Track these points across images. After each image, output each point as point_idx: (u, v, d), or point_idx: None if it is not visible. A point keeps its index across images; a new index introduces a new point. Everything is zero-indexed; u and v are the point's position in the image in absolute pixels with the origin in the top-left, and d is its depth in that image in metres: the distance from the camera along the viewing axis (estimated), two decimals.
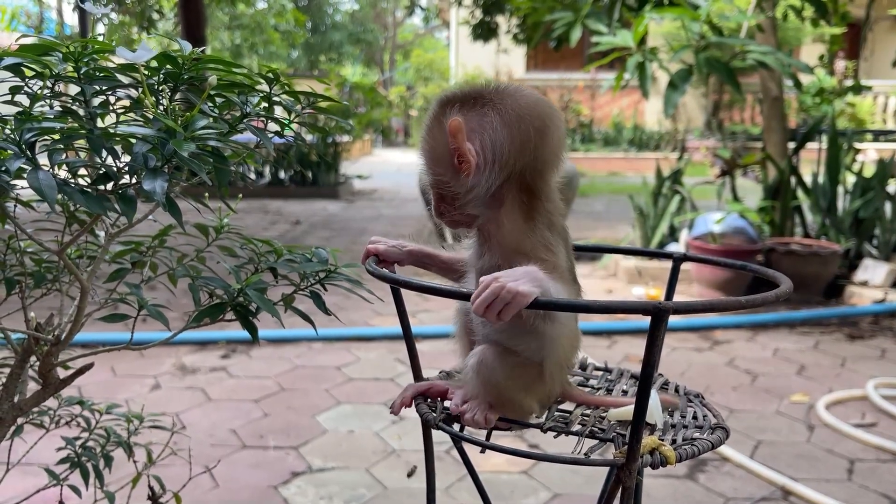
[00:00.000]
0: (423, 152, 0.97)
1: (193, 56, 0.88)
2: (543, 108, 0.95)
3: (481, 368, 0.96)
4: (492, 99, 0.93)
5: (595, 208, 8.16)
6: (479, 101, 0.93)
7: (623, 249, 1.25)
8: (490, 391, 0.96)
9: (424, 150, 0.97)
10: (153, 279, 1.15)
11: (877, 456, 2.35)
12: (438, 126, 0.94)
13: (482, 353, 0.96)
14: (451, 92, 0.96)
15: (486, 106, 0.92)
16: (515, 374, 0.96)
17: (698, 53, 3.75)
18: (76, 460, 1.28)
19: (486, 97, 0.93)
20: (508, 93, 0.94)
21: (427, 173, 0.98)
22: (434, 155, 0.95)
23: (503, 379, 0.95)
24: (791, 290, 0.88)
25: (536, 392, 0.99)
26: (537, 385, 0.98)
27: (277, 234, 6.39)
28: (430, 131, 0.95)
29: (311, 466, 2.25)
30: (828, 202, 4.72)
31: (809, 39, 12.82)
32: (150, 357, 3.17)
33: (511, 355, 0.96)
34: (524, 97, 0.94)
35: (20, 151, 0.76)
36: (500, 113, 0.92)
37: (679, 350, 3.39)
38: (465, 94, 0.94)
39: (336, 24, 26.18)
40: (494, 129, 0.92)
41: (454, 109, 0.93)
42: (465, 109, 0.93)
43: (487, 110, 0.92)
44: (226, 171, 0.84)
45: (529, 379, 0.97)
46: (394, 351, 3.33)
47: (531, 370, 0.97)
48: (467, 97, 0.94)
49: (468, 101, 0.93)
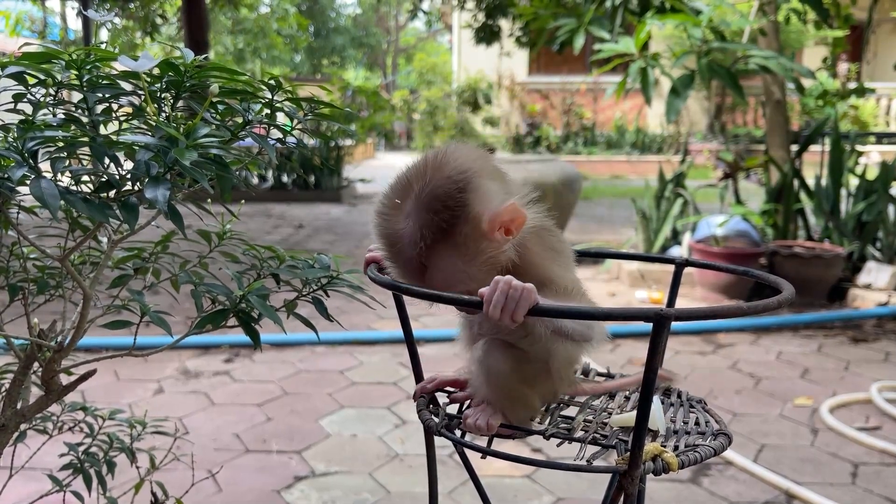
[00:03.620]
0: (444, 277, 0.88)
1: (196, 64, 0.88)
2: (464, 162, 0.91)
3: (486, 359, 0.96)
4: (472, 170, 0.89)
5: (598, 212, 8.16)
6: (466, 182, 0.88)
7: (625, 255, 1.25)
8: (494, 384, 0.96)
9: (445, 273, 0.88)
10: (156, 285, 1.15)
11: (881, 459, 2.35)
12: (455, 239, 0.87)
13: (488, 345, 0.96)
14: (441, 192, 0.87)
15: (469, 181, 0.88)
16: (521, 367, 0.96)
17: (700, 58, 3.75)
18: (79, 466, 1.28)
19: (465, 173, 0.88)
20: (460, 159, 0.90)
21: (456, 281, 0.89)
22: (462, 263, 0.88)
23: (508, 372, 0.95)
24: (793, 295, 0.88)
25: (542, 388, 1.00)
26: (543, 381, 0.99)
27: (280, 238, 6.40)
28: (448, 244, 0.87)
29: (315, 471, 2.25)
30: (831, 205, 4.71)
31: (812, 42, 12.80)
32: (153, 361, 3.17)
33: (517, 349, 0.96)
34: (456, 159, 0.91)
35: (23, 160, 0.76)
36: (485, 177, 0.90)
37: (682, 354, 3.39)
38: (445, 196, 0.87)
39: (339, 28, 26.22)
40: (496, 191, 0.90)
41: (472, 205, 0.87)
42: (470, 208, 0.87)
43: (482, 182, 0.89)
44: (228, 178, 0.84)
45: (535, 373, 0.97)
46: (397, 355, 3.33)
47: (538, 365, 0.97)
48: (449, 201, 0.87)
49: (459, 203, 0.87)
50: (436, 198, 0.86)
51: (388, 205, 0.90)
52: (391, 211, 0.90)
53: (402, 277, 0.92)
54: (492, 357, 0.95)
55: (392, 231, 0.89)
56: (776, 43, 4.74)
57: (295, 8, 20.33)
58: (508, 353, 0.96)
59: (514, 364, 0.96)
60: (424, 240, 0.86)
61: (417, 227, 0.86)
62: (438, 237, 0.86)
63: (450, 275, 0.88)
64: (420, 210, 0.86)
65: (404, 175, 0.91)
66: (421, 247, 0.86)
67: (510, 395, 0.97)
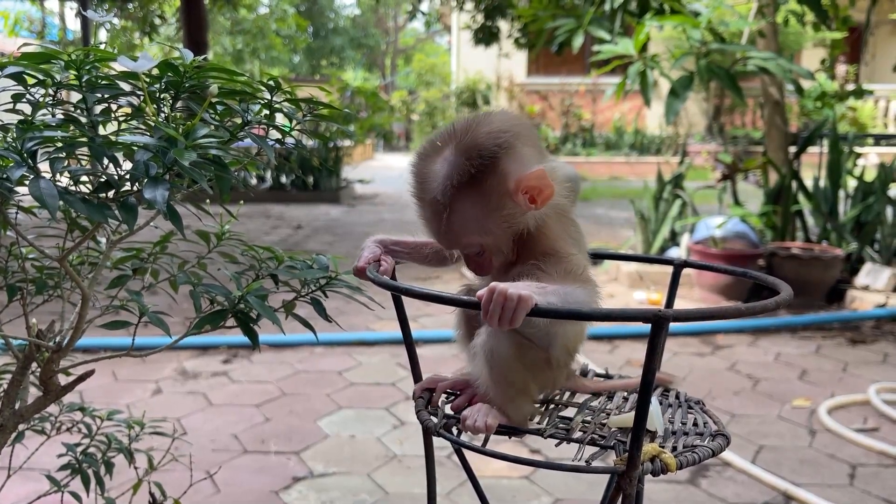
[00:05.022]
0: (465, 224, 0.94)
1: (195, 64, 0.88)
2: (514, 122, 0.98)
3: (488, 343, 0.97)
4: (513, 132, 0.94)
5: (597, 212, 8.16)
6: (504, 141, 0.93)
7: (623, 256, 1.25)
8: (495, 369, 0.97)
9: (466, 221, 0.93)
10: (154, 285, 1.15)
11: (879, 461, 2.35)
12: (483, 188, 0.92)
13: (491, 332, 0.97)
14: (476, 146, 0.93)
15: (507, 141, 0.93)
16: (522, 352, 0.97)
17: (699, 60, 3.75)
18: (77, 466, 1.28)
19: (506, 133, 0.94)
20: (504, 121, 0.96)
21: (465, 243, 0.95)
22: (484, 217, 0.93)
23: (510, 357, 0.96)
24: (791, 297, 0.88)
25: (541, 376, 1.01)
26: (543, 368, 1.00)
27: (279, 238, 6.40)
28: (475, 194, 0.92)
29: (313, 471, 2.25)
30: (829, 206, 4.72)
31: (810, 44, 12.82)
32: (151, 362, 3.17)
33: (519, 336, 0.97)
34: (501, 121, 0.97)
35: (22, 160, 0.76)
36: (522, 142, 0.95)
37: (680, 355, 3.39)
38: (479, 151, 0.93)
39: (338, 29, 26.22)
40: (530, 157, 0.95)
41: (506, 161, 0.92)
42: (504, 164, 0.92)
43: (518, 145, 0.94)
44: (227, 179, 0.84)
45: (535, 360, 0.99)
46: (395, 355, 3.33)
47: (538, 353, 0.99)
48: (483, 154, 0.92)
49: (494, 156, 0.93)
50: (473, 146, 0.92)
51: (429, 147, 0.97)
52: (431, 152, 0.96)
53: (424, 218, 0.97)
54: (493, 341, 0.96)
55: (427, 170, 0.95)
56: (775, 44, 4.75)
57: (294, 9, 20.33)
58: (511, 339, 0.96)
59: (516, 350, 0.97)
60: (452, 181, 0.92)
61: (450, 168, 0.92)
62: (466, 182, 0.91)
63: (467, 222, 0.94)
64: (457, 155, 0.92)
65: (451, 125, 0.98)
66: (448, 187, 0.92)
67: (510, 381, 0.98)
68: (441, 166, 0.93)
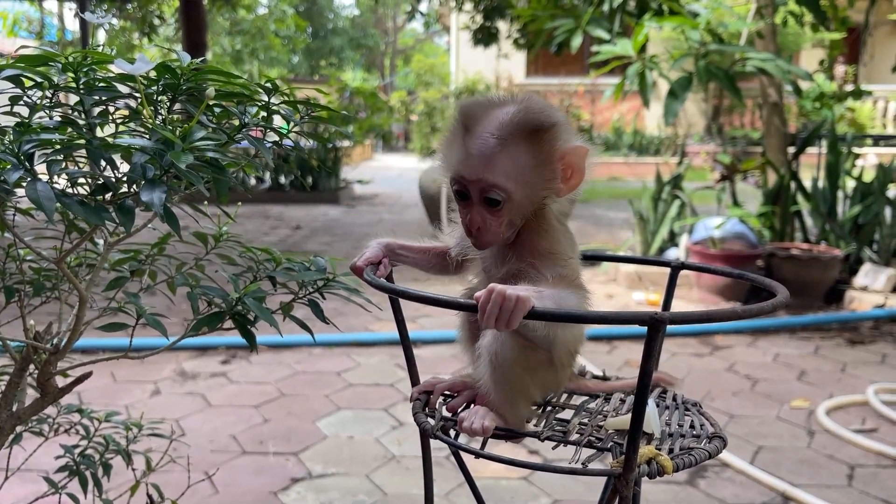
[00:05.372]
0: (506, 162, 0.95)
1: (192, 66, 0.88)
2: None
3: (493, 345, 0.97)
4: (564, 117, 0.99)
5: (596, 213, 8.16)
6: (562, 115, 0.99)
7: (621, 258, 1.26)
8: (498, 371, 0.97)
9: (509, 160, 0.95)
10: (152, 287, 1.15)
11: (877, 461, 2.35)
12: (537, 140, 0.96)
13: (496, 334, 0.98)
14: (537, 108, 0.98)
15: (564, 120, 0.98)
16: (526, 354, 0.98)
17: (698, 61, 3.75)
18: (75, 468, 1.28)
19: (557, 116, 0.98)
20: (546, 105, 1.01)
21: (496, 182, 0.96)
22: (526, 166, 0.96)
23: (514, 358, 0.97)
24: (787, 299, 0.88)
25: (543, 378, 1.02)
26: (545, 370, 1.02)
27: (278, 239, 6.40)
28: (529, 142, 0.96)
29: (311, 472, 2.25)
30: (828, 207, 4.72)
31: (809, 45, 12.82)
32: (150, 363, 3.17)
33: (523, 339, 0.98)
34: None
35: (19, 162, 0.76)
36: (569, 125, 0.99)
37: (679, 355, 3.39)
38: (542, 111, 0.97)
39: (337, 30, 26.21)
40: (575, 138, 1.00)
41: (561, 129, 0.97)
42: (560, 130, 0.97)
43: (566, 122, 0.98)
44: (224, 181, 0.84)
45: (538, 362, 1.00)
46: (394, 356, 3.33)
47: (542, 355, 1.00)
48: (543, 114, 0.97)
49: (556, 119, 0.97)
50: (539, 109, 0.97)
51: (486, 99, 1.00)
52: (488, 102, 0.99)
53: (464, 146, 0.97)
54: (498, 343, 0.97)
55: (482, 112, 0.97)
56: (773, 45, 4.75)
57: (293, 9, 20.32)
58: (515, 341, 0.97)
59: (520, 352, 0.98)
60: (515, 124, 0.95)
61: (514, 116, 0.96)
62: (526, 131, 0.95)
63: (512, 162, 0.95)
64: (522, 108, 0.97)
65: (506, 94, 1.03)
66: (509, 126, 0.95)
67: (512, 383, 0.98)
68: (503, 112, 0.97)
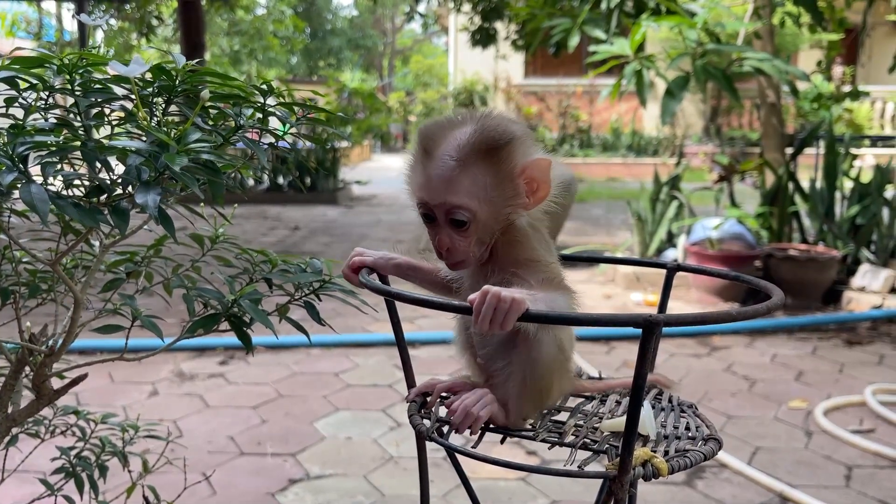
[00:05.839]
0: (466, 183, 0.95)
1: (188, 68, 0.88)
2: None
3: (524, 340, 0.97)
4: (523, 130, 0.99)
5: (593, 214, 8.17)
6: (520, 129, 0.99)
7: (618, 259, 1.26)
8: (533, 368, 0.97)
9: (469, 181, 0.95)
10: (148, 289, 1.15)
11: (875, 462, 2.35)
12: (495, 158, 0.96)
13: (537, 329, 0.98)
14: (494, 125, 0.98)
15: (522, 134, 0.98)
16: (560, 357, 1.00)
17: (696, 61, 3.76)
18: (71, 470, 1.28)
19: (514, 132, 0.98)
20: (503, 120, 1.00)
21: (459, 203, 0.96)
22: (487, 185, 0.96)
23: (553, 359, 0.98)
24: (783, 301, 0.88)
25: (563, 381, 1.04)
26: (565, 373, 1.03)
27: (276, 239, 6.40)
28: (487, 161, 0.96)
29: (309, 473, 2.24)
30: (826, 208, 4.72)
31: (807, 45, 12.83)
32: (147, 364, 3.16)
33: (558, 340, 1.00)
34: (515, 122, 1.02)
35: (13, 164, 0.76)
36: (530, 137, 0.99)
37: (677, 356, 3.39)
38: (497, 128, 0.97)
39: (335, 30, 26.23)
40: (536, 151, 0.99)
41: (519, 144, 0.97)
42: (518, 145, 0.97)
43: (527, 138, 0.98)
44: (219, 183, 0.84)
45: (563, 364, 1.02)
46: (392, 357, 3.32)
47: (565, 357, 1.02)
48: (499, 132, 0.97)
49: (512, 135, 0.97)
50: (494, 125, 0.98)
51: (445, 119, 1.01)
52: (447, 123, 1.00)
53: (424, 172, 0.98)
54: (544, 342, 0.97)
55: (441, 133, 0.98)
56: (771, 46, 4.76)
57: (291, 10, 20.32)
58: (554, 341, 0.98)
59: (558, 352, 0.99)
60: (472, 145, 0.96)
61: (470, 136, 0.96)
62: (483, 150, 0.96)
63: (473, 183, 0.96)
64: (478, 128, 0.97)
65: (465, 111, 1.03)
66: (466, 147, 0.96)
67: (540, 381, 0.98)
68: (461, 133, 0.97)
